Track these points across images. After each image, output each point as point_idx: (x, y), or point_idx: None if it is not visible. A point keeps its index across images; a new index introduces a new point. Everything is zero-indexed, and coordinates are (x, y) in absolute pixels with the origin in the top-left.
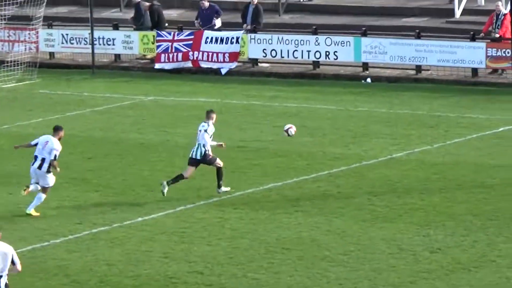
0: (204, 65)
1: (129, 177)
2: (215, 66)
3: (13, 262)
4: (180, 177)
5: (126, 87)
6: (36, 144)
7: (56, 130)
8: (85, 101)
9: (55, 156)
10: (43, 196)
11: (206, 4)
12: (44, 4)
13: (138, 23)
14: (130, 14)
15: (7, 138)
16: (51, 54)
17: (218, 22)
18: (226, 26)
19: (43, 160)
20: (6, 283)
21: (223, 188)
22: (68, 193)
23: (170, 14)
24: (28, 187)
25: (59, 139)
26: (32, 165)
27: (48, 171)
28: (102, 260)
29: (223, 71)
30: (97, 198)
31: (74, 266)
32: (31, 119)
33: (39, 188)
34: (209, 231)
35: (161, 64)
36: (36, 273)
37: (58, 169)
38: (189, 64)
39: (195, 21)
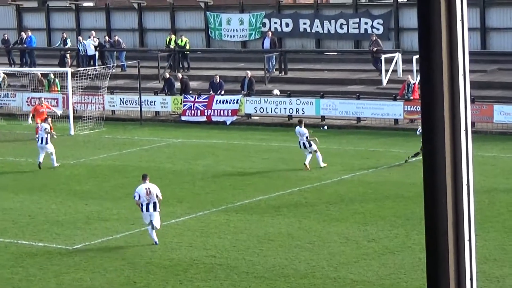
0: (214, 118)
1: (165, 193)
2: (222, 119)
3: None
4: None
5: (163, 133)
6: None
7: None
8: (136, 143)
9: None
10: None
11: (217, 78)
12: (108, 78)
13: (170, 91)
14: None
15: (83, 168)
16: (113, 112)
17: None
18: (229, 92)
19: (154, 203)
20: (155, 202)
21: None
22: (125, 204)
23: (192, 84)
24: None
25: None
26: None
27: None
28: (148, 249)
29: (228, 122)
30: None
31: (129, 252)
32: (99, 155)
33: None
34: (219, 228)
35: (186, 117)
36: (104, 258)
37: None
38: (204, 118)
39: (211, 90)
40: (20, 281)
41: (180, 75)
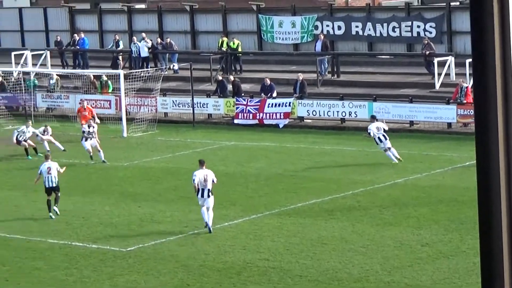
0: (267, 122)
1: (218, 196)
2: (274, 122)
3: (212, 180)
4: None
5: (215, 136)
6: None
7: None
8: (188, 145)
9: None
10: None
11: (268, 81)
12: (161, 80)
13: (223, 94)
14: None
15: (136, 170)
16: (165, 114)
17: (275, 94)
18: (281, 95)
19: (208, 190)
20: (209, 189)
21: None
22: (178, 206)
23: (244, 87)
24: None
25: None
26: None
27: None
28: (201, 251)
29: (280, 125)
30: (197, 210)
31: (183, 255)
32: (152, 157)
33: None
34: (272, 232)
35: (239, 120)
36: (158, 260)
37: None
38: (256, 121)
39: (262, 93)
40: (74, 282)
41: (232, 78)
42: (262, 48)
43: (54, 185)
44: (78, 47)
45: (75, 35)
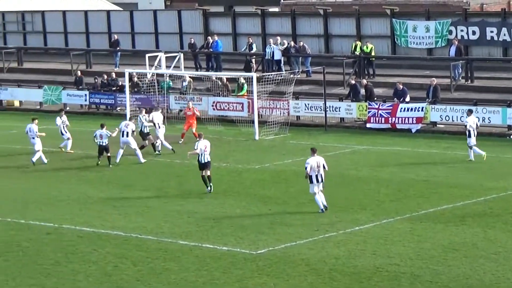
0: (399, 126)
1: (349, 200)
2: (407, 126)
3: (324, 167)
4: None
5: (347, 140)
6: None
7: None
8: (320, 148)
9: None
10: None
11: (400, 86)
12: (293, 83)
13: (356, 98)
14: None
15: (268, 173)
16: (297, 117)
17: (407, 98)
18: (414, 100)
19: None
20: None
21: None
22: (309, 209)
23: (377, 91)
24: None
25: None
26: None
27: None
28: (332, 255)
29: (413, 130)
30: (327, 214)
31: (312, 259)
32: (284, 160)
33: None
34: (403, 237)
35: (371, 124)
36: (287, 263)
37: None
38: (388, 126)
39: (394, 98)
40: (204, 284)
41: (365, 82)
42: (395, 53)
43: (207, 161)
44: (211, 50)
45: (209, 37)
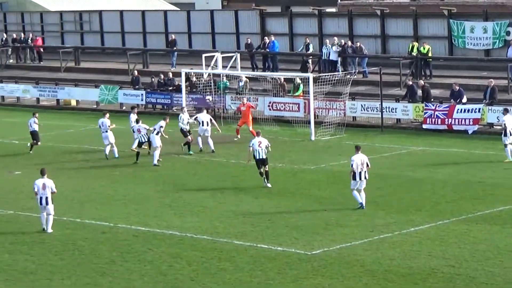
0: (455, 127)
1: (404, 201)
2: (463, 128)
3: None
4: None
5: (404, 141)
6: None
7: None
8: (376, 149)
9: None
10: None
11: (457, 87)
12: (350, 84)
13: (412, 99)
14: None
15: (323, 173)
16: (354, 118)
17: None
18: (471, 101)
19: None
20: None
21: None
22: (364, 211)
23: (434, 92)
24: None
25: None
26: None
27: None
28: (387, 256)
29: (470, 131)
30: (382, 215)
31: (367, 260)
32: (340, 161)
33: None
34: (458, 238)
35: (427, 125)
36: (342, 264)
37: None
38: (445, 127)
39: (451, 99)
40: (258, 284)
41: (422, 83)
42: (452, 53)
43: (263, 156)
44: (268, 50)
45: (265, 38)
